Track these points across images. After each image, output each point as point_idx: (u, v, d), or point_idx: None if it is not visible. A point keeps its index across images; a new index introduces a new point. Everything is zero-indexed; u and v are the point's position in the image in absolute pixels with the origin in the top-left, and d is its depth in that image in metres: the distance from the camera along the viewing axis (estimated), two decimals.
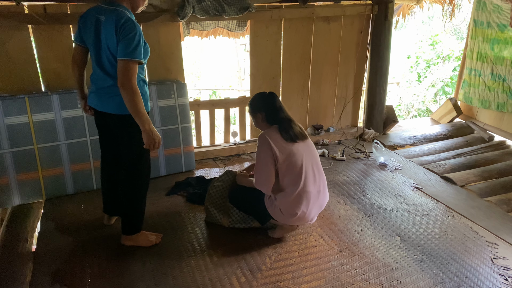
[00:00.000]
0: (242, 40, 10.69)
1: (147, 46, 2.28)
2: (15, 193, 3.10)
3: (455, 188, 3.49)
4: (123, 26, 2.13)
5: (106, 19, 2.18)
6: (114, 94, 2.29)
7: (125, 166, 2.48)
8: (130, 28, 2.13)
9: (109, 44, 2.19)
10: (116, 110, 2.33)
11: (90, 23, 2.26)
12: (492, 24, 4.41)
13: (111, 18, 2.16)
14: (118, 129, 2.43)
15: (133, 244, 2.62)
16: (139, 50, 2.17)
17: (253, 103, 2.68)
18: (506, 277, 2.40)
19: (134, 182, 2.50)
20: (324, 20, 4.20)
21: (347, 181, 3.59)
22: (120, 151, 2.50)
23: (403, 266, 2.48)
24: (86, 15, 2.30)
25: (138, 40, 2.15)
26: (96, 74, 2.36)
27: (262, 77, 4.14)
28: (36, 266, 2.46)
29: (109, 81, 2.31)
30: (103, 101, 2.36)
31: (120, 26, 2.13)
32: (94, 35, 2.25)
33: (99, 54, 2.28)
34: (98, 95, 2.38)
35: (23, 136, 3.04)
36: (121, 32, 2.13)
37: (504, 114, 4.56)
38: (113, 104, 2.33)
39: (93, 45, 2.29)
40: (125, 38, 2.12)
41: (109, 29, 2.16)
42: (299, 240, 2.73)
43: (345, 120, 4.76)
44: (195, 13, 3.47)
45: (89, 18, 2.27)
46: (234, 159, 4.05)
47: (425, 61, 9.71)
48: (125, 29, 2.13)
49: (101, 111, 2.40)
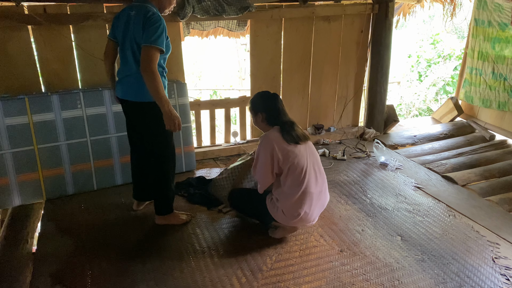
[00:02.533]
0: (242, 40, 10.68)
1: (169, 41, 2.53)
2: (15, 193, 3.10)
3: (456, 188, 3.48)
4: (150, 17, 2.37)
5: (136, 13, 2.43)
6: (132, 82, 2.52)
7: (150, 153, 2.69)
8: (156, 19, 2.37)
9: (135, 34, 2.41)
10: (133, 97, 2.54)
11: (122, 18, 2.51)
12: (493, 23, 4.40)
13: (140, 11, 2.41)
14: (135, 116, 2.66)
15: (166, 222, 2.86)
16: (161, 39, 2.37)
17: (254, 102, 2.67)
18: (507, 277, 2.39)
19: (160, 167, 2.71)
20: (325, 19, 4.20)
21: (348, 180, 3.58)
22: (142, 138, 2.71)
23: (404, 266, 2.47)
24: (121, 12, 2.56)
25: (161, 31, 2.37)
26: (121, 65, 2.59)
27: (263, 76, 4.14)
28: (36, 267, 2.45)
29: (129, 70, 2.52)
30: (124, 89, 2.59)
31: (148, 17, 2.37)
32: (123, 29, 2.49)
33: (125, 46, 2.50)
34: (121, 84, 2.60)
35: (23, 136, 3.04)
36: (147, 22, 2.36)
37: (505, 113, 4.55)
38: (131, 92, 2.54)
39: (121, 39, 2.53)
40: (151, 27, 2.34)
41: (137, 21, 2.40)
42: (300, 240, 2.72)
43: (345, 120, 4.75)
44: (195, 13, 3.47)
45: (122, 14, 2.53)
46: (234, 159, 4.04)
47: (426, 60, 9.69)
48: (151, 19, 2.36)
49: (123, 99, 2.62)
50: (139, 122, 2.66)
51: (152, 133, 2.63)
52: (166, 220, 2.86)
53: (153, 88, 2.34)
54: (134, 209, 3.07)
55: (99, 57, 3.35)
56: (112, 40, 2.63)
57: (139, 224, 2.89)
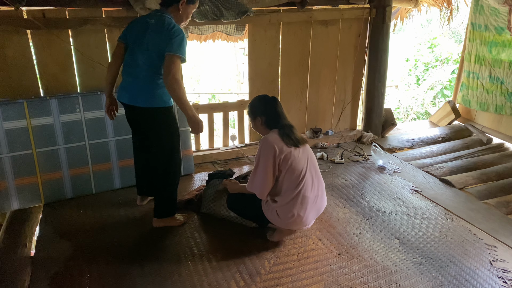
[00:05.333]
0: (241, 44, 10.69)
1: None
2: (13, 197, 3.10)
3: (453, 191, 3.49)
4: (173, 28, 2.48)
5: (155, 21, 2.54)
6: (141, 88, 2.57)
7: (157, 157, 2.73)
8: (179, 30, 2.49)
9: (153, 42, 2.50)
10: (143, 103, 2.58)
11: (139, 24, 2.61)
12: (490, 27, 4.43)
13: (160, 21, 2.52)
14: (144, 121, 2.69)
15: (164, 225, 2.87)
16: (184, 50, 2.49)
17: (253, 106, 2.67)
18: (505, 279, 2.40)
19: (165, 172, 2.75)
20: (322, 23, 4.22)
21: (346, 184, 3.59)
22: (150, 143, 2.74)
23: (402, 269, 2.48)
24: (138, 18, 2.71)
25: (184, 42, 2.48)
26: (129, 69, 2.62)
27: (261, 80, 4.15)
28: (34, 271, 2.45)
29: (139, 73, 2.57)
30: (131, 95, 2.62)
31: (171, 28, 2.48)
32: (138, 34, 2.58)
33: (136, 50, 2.57)
34: (128, 89, 2.63)
35: (21, 140, 3.04)
36: (170, 32, 2.46)
37: (502, 117, 4.57)
38: (141, 98, 2.58)
39: (132, 43, 2.61)
40: (175, 37, 2.45)
41: (157, 29, 2.50)
42: (298, 243, 2.73)
43: (343, 123, 4.77)
44: (194, 17, 3.48)
45: (140, 21, 2.64)
46: (233, 162, 4.06)
47: (423, 64, 9.73)
48: (175, 31, 2.47)
49: (129, 105, 2.65)
50: (148, 126, 2.69)
51: (160, 138, 2.68)
52: (164, 223, 2.88)
53: (177, 95, 2.43)
54: (137, 204, 3.16)
55: (97, 61, 3.37)
56: (123, 43, 2.69)
57: (138, 228, 2.89)
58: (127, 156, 3.39)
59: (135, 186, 3.17)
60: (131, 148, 3.05)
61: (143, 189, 3.12)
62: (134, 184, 3.19)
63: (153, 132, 2.68)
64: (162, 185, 2.78)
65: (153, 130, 2.67)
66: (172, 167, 2.78)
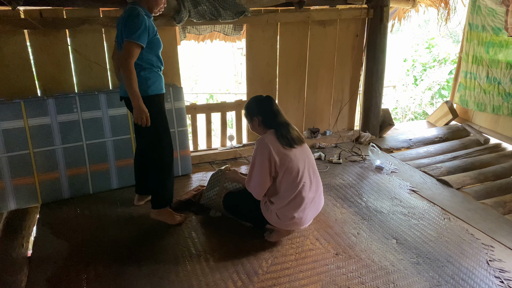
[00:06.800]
0: (239, 44, 10.69)
1: (158, 38, 2.65)
2: (10, 197, 3.09)
3: (451, 191, 3.50)
4: (130, 15, 2.51)
5: (123, 14, 2.58)
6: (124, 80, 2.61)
7: (146, 147, 2.81)
8: (134, 15, 2.50)
9: (121, 34, 2.57)
10: (124, 93, 2.67)
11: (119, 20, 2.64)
12: (487, 28, 4.44)
13: (126, 12, 2.56)
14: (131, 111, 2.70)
15: (160, 219, 2.90)
16: (141, 36, 2.49)
17: (249, 107, 2.67)
18: (502, 279, 2.40)
19: (155, 161, 2.78)
20: (320, 24, 4.22)
21: (343, 184, 3.59)
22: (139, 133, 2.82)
23: (400, 269, 2.48)
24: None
25: (140, 27, 2.48)
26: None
27: (259, 80, 4.15)
28: (31, 271, 2.44)
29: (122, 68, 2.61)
30: (122, 87, 2.74)
31: (127, 16, 2.51)
32: (118, 30, 2.64)
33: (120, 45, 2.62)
34: (121, 84, 2.74)
35: (18, 140, 3.04)
36: (127, 20, 2.49)
37: (500, 117, 4.58)
38: (123, 88, 2.69)
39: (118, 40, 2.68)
40: (130, 23, 2.48)
41: (122, 21, 2.54)
42: (296, 243, 2.73)
43: (341, 124, 4.77)
44: (191, 17, 3.48)
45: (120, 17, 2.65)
46: (231, 162, 4.05)
47: (421, 64, 9.75)
48: (131, 16, 2.50)
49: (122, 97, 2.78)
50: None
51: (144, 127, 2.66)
52: (161, 216, 2.90)
53: (126, 82, 2.48)
54: (135, 204, 3.15)
55: (95, 61, 3.37)
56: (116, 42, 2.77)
57: (135, 228, 2.89)
58: (125, 156, 3.39)
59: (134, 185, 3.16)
60: (128, 148, 3.05)
61: (141, 187, 3.12)
62: (131, 184, 3.20)
63: None
64: (154, 173, 2.80)
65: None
66: (160, 156, 2.79)
